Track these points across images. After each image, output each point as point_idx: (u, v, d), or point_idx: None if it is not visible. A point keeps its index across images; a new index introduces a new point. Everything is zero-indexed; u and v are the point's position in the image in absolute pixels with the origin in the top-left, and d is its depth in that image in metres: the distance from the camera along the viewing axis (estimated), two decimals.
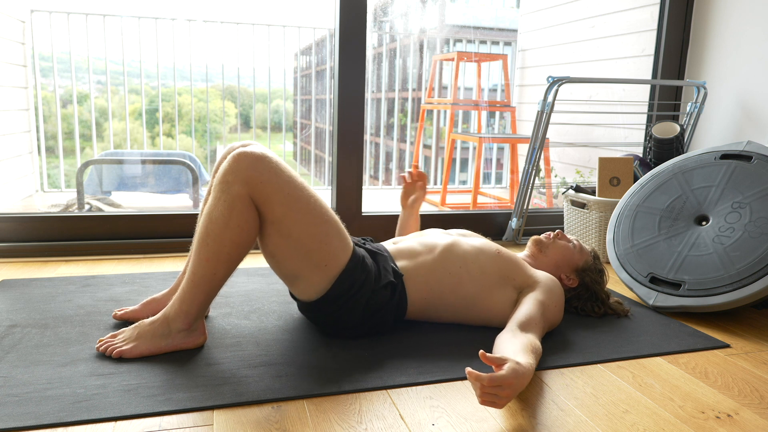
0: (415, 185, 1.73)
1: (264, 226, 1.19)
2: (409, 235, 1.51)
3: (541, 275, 1.39)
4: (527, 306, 1.28)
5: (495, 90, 4.83)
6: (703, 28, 2.32)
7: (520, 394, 1.09)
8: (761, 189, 1.61)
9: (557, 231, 1.54)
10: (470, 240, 1.43)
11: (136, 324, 1.22)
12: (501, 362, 0.98)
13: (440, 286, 1.34)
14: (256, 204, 1.16)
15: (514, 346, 1.11)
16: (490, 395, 0.95)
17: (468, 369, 0.94)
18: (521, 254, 1.54)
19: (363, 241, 1.40)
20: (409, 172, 1.73)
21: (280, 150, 4.74)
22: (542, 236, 1.53)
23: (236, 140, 4.54)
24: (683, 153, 2.17)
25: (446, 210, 3.77)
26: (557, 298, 1.35)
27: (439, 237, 1.43)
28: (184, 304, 1.18)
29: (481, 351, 0.96)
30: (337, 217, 1.26)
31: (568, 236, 1.55)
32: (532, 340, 1.16)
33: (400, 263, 1.35)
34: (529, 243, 1.54)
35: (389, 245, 1.43)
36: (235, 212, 1.14)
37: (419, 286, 1.34)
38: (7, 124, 3.25)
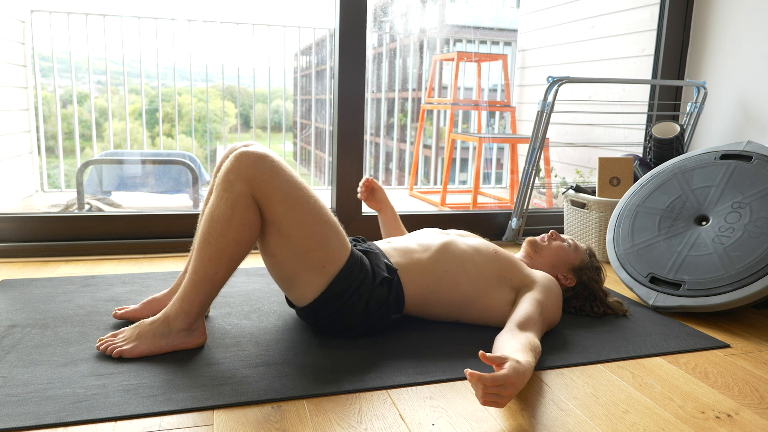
0: (369, 192, 1.73)
1: (264, 226, 1.20)
2: (404, 235, 1.51)
3: (539, 275, 1.39)
4: (525, 305, 1.28)
5: (495, 90, 4.83)
6: (703, 28, 2.32)
7: (519, 393, 1.10)
8: (761, 189, 1.61)
9: (551, 232, 1.53)
10: (467, 240, 1.43)
11: (137, 324, 1.22)
12: (501, 361, 0.97)
13: (437, 284, 1.34)
14: (257, 203, 1.16)
15: (513, 345, 1.11)
16: (493, 395, 0.94)
17: (468, 370, 0.93)
18: (517, 255, 1.54)
19: (355, 242, 1.40)
20: (362, 190, 1.72)
21: (280, 150, 4.74)
22: (537, 238, 1.53)
23: (236, 140, 4.55)
24: (683, 153, 2.17)
25: (446, 210, 3.77)
26: (555, 297, 1.36)
27: (435, 236, 1.43)
28: (185, 304, 1.18)
29: (481, 351, 0.95)
30: (335, 219, 1.26)
31: (563, 236, 1.54)
32: (531, 338, 1.16)
33: (394, 260, 1.35)
34: (524, 244, 1.54)
35: (383, 244, 1.42)
36: (238, 211, 1.14)
37: (415, 281, 1.34)
38: (7, 124, 3.25)
